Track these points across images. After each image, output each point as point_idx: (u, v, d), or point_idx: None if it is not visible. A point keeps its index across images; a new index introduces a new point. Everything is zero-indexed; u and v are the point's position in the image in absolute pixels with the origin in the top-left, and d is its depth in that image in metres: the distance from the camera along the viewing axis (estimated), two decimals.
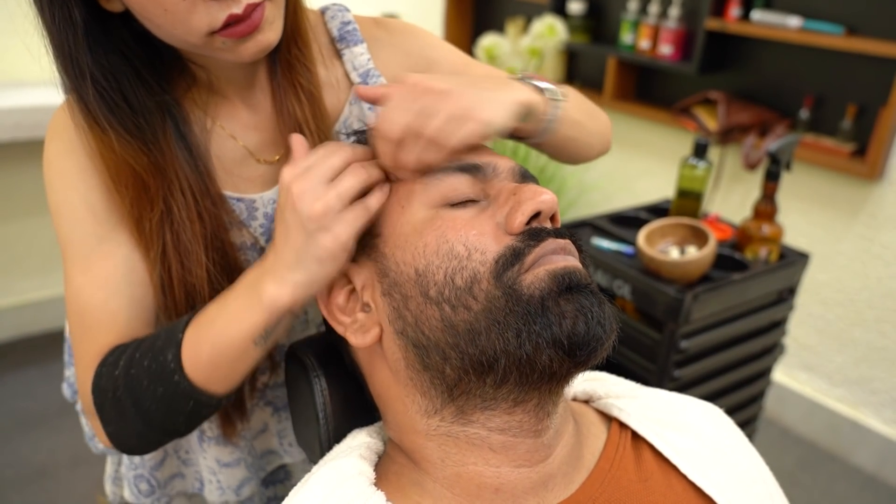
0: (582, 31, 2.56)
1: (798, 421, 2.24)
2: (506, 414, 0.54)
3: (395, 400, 0.59)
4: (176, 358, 0.60)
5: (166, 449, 0.82)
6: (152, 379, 0.61)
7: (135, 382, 0.62)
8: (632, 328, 1.34)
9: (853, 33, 1.90)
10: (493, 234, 0.54)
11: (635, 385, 0.69)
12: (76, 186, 0.66)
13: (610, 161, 2.68)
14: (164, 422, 0.64)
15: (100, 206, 0.66)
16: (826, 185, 2.04)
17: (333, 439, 0.66)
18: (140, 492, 0.83)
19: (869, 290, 2.00)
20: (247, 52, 0.60)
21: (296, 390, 0.70)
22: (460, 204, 0.56)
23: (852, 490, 2.01)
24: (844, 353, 2.10)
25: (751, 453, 0.65)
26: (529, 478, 0.55)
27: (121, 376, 0.62)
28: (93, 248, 0.66)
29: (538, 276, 0.52)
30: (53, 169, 0.67)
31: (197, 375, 0.61)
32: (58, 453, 1.96)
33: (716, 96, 2.17)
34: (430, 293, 0.53)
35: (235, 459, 0.80)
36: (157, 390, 0.61)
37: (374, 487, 0.54)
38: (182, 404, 0.62)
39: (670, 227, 1.34)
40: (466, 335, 0.52)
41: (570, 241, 0.56)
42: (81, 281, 0.66)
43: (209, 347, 0.60)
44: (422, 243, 0.54)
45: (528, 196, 0.54)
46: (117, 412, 0.64)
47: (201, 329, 0.61)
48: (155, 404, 0.62)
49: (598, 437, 0.62)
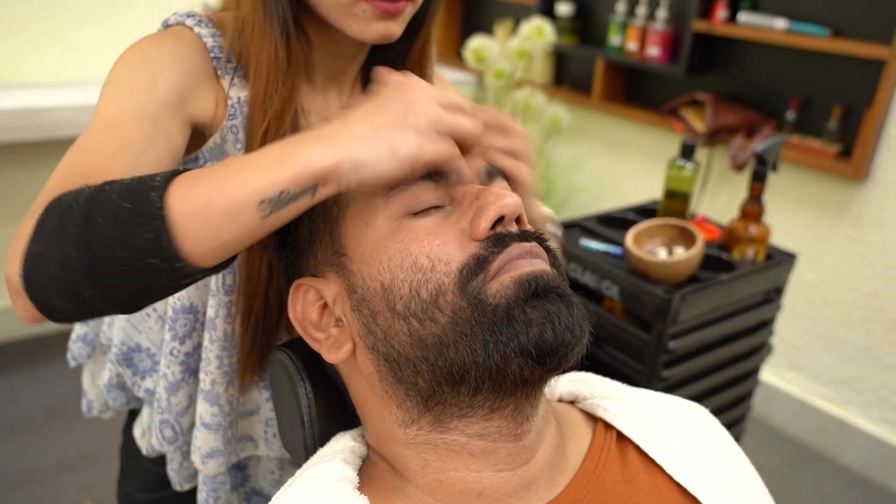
0: (570, 33, 2.56)
1: (786, 420, 2.25)
2: (483, 420, 0.53)
3: (372, 410, 0.59)
4: (165, 179, 0.50)
5: (192, 394, 0.82)
6: (124, 194, 0.49)
7: (103, 195, 0.50)
8: (620, 329, 1.34)
9: (838, 35, 1.91)
10: (458, 241, 0.53)
11: (621, 385, 0.69)
12: (151, 66, 0.64)
13: (599, 163, 2.69)
14: (103, 251, 0.48)
15: (165, 92, 0.64)
16: (812, 185, 2.05)
17: (319, 442, 0.65)
18: (164, 438, 0.83)
19: (855, 289, 2.01)
20: (373, 30, 0.65)
21: (280, 393, 0.70)
22: (424, 212, 0.56)
23: (840, 489, 2.02)
24: (831, 352, 2.11)
25: (737, 453, 0.65)
26: (512, 481, 0.55)
27: (91, 190, 0.51)
28: (130, 112, 0.61)
29: (504, 284, 0.51)
30: (136, 52, 0.66)
31: (178, 207, 0.48)
32: (44, 459, 1.94)
33: (703, 98, 2.18)
34: (398, 308, 0.53)
35: (216, 424, 0.80)
36: (122, 206, 0.48)
37: (358, 492, 0.54)
38: (139, 230, 0.48)
39: (658, 228, 1.35)
40: (435, 348, 0.52)
41: (536, 244, 0.55)
42: (99, 130, 0.60)
43: (210, 184, 0.49)
44: (386, 257, 0.54)
45: (490, 200, 0.53)
46: (59, 224, 0.50)
47: (212, 168, 0.52)
48: (108, 221, 0.48)
49: (583, 439, 0.62)
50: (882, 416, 2.04)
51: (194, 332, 0.78)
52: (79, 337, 0.91)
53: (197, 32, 0.69)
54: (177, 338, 0.77)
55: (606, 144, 2.65)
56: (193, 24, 0.69)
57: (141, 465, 0.91)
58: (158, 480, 0.90)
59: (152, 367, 0.85)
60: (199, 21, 0.70)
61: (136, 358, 0.85)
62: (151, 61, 0.65)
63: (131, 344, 0.84)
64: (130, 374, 0.86)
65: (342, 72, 0.75)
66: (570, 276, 1.41)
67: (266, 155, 0.50)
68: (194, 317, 0.77)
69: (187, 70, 0.66)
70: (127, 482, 0.94)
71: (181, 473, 0.87)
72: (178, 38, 0.68)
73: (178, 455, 0.86)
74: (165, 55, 0.66)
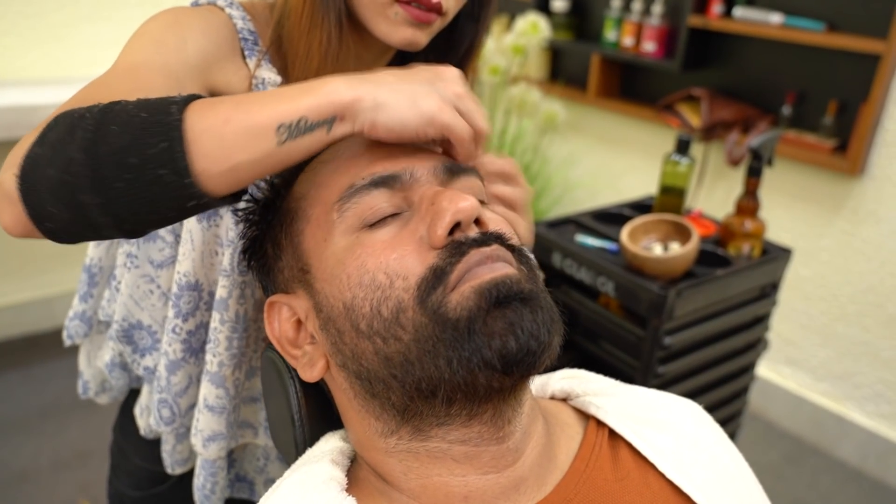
0: (565, 29, 2.56)
1: (782, 415, 2.25)
2: (463, 427, 0.52)
3: (352, 421, 0.58)
4: (186, 98, 0.50)
5: (192, 375, 0.81)
6: (143, 105, 0.49)
7: (119, 106, 0.49)
8: (615, 325, 1.34)
9: (834, 30, 1.91)
10: (417, 251, 0.52)
11: (614, 382, 0.69)
12: (184, 31, 0.65)
13: (594, 158, 2.68)
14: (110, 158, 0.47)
15: (192, 54, 0.64)
16: (808, 180, 2.05)
17: (308, 441, 0.65)
18: (162, 418, 0.82)
19: (851, 284, 2.01)
20: (401, 34, 0.67)
21: (271, 392, 0.69)
22: (380, 222, 0.54)
23: (836, 483, 2.03)
24: (828, 347, 2.11)
25: (730, 450, 0.65)
26: (499, 483, 0.54)
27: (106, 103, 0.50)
28: (154, 63, 0.61)
29: (464, 295, 0.49)
30: (169, 15, 0.67)
31: (196, 122, 0.48)
32: (39, 457, 1.94)
33: (699, 93, 2.17)
34: (361, 327, 0.52)
35: (220, 407, 0.79)
36: (138, 115, 0.48)
37: (346, 493, 0.53)
38: (153, 139, 0.47)
39: (653, 224, 1.34)
40: (402, 366, 0.51)
41: (498, 246, 0.53)
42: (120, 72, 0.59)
43: (231, 106, 0.49)
44: (345, 275, 0.53)
45: (444, 205, 0.51)
46: (69, 128, 0.49)
47: (236, 96, 0.51)
48: (122, 127, 0.47)
49: (574, 437, 0.61)
50: (878, 410, 2.04)
51: (198, 311, 0.77)
52: (76, 314, 0.90)
53: (228, 13, 0.70)
54: (180, 315, 0.76)
55: (602, 140, 2.65)
56: (225, 4, 0.71)
57: (132, 463, 0.90)
58: (150, 477, 0.89)
59: (153, 345, 0.84)
60: (231, 3, 0.71)
61: (137, 335, 0.84)
62: (182, 24, 0.66)
63: (132, 320, 0.83)
64: (130, 351, 0.85)
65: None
66: (566, 273, 1.41)
67: (292, 87, 0.51)
68: (198, 295, 0.76)
69: (216, 42, 0.67)
70: (118, 480, 0.94)
71: (174, 457, 0.86)
72: (210, 13, 0.69)
73: (173, 437, 0.85)
74: (197, 22, 0.67)
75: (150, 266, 0.79)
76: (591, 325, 1.39)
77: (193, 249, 0.74)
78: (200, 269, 0.76)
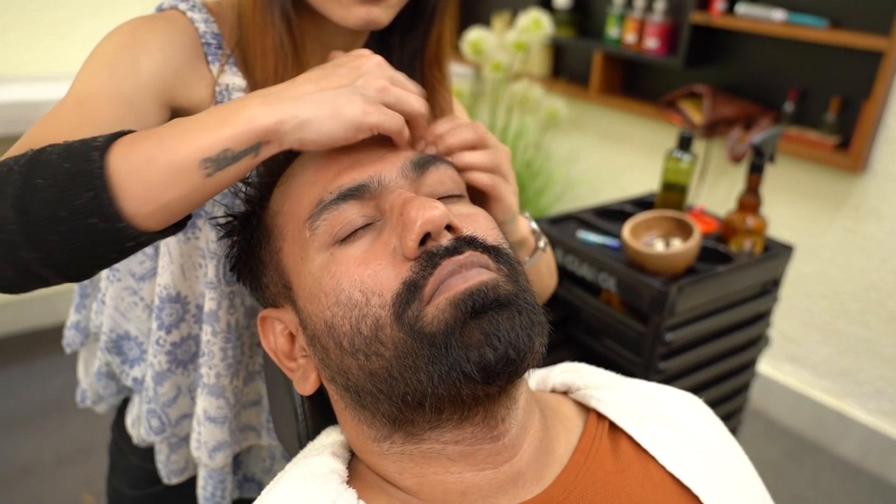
0: (567, 25, 2.55)
1: (783, 412, 2.25)
2: (455, 429, 0.52)
3: (346, 426, 0.59)
4: (108, 140, 0.49)
5: (181, 386, 0.81)
6: (65, 154, 0.48)
7: (44, 156, 0.48)
8: (617, 321, 1.34)
9: (837, 26, 1.90)
10: (391, 264, 0.51)
11: (614, 375, 0.69)
12: (138, 49, 0.63)
13: (596, 155, 2.68)
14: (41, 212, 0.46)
15: (147, 75, 0.63)
16: (810, 177, 2.05)
17: (311, 435, 0.65)
18: (151, 428, 0.83)
19: (853, 282, 2.01)
20: (354, 15, 0.63)
21: (274, 386, 0.69)
22: (352, 236, 0.54)
23: (837, 480, 2.03)
24: (829, 344, 2.11)
25: (730, 443, 0.65)
26: (496, 479, 0.53)
27: (32, 152, 0.49)
28: (105, 91, 0.60)
29: (439, 308, 0.49)
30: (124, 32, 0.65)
31: (119, 166, 0.47)
32: (42, 452, 1.94)
33: (701, 90, 2.17)
34: (343, 344, 0.52)
35: (222, 416, 0.79)
36: (62, 165, 0.47)
37: (346, 485, 0.54)
38: (79, 189, 0.46)
39: (655, 220, 1.34)
40: (386, 381, 0.51)
41: (472, 252, 0.52)
42: (68, 105, 0.59)
43: (152, 144, 0.48)
44: (322, 294, 0.53)
45: (412, 215, 0.50)
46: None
47: (155, 129, 0.50)
48: (48, 181, 0.47)
49: (573, 431, 0.61)
50: (879, 407, 2.04)
51: (182, 323, 0.77)
52: (72, 324, 0.91)
53: (189, 17, 0.68)
54: (163, 327, 0.76)
55: (604, 137, 2.64)
56: (186, 8, 0.68)
57: (130, 462, 0.90)
58: (147, 477, 0.89)
59: (140, 356, 0.84)
60: (193, 6, 0.69)
61: (125, 346, 0.84)
62: (138, 42, 0.63)
63: (120, 332, 0.83)
64: (119, 362, 0.85)
65: None
66: (568, 269, 1.41)
67: (210, 115, 0.50)
68: (181, 307, 0.76)
69: (175, 55, 0.65)
70: (116, 479, 0.94)
71: (169, 466, 0.87)
72: (169, 21, 0.67)
73: (166, 447, 0.85)
74: (154, 37, 0.65)
75: (131, 279, 0.79)
76: (593, 321, 1.39)
77: (172, 262, 0.73)
78: (182, 282, 0.75)
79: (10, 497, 1.80)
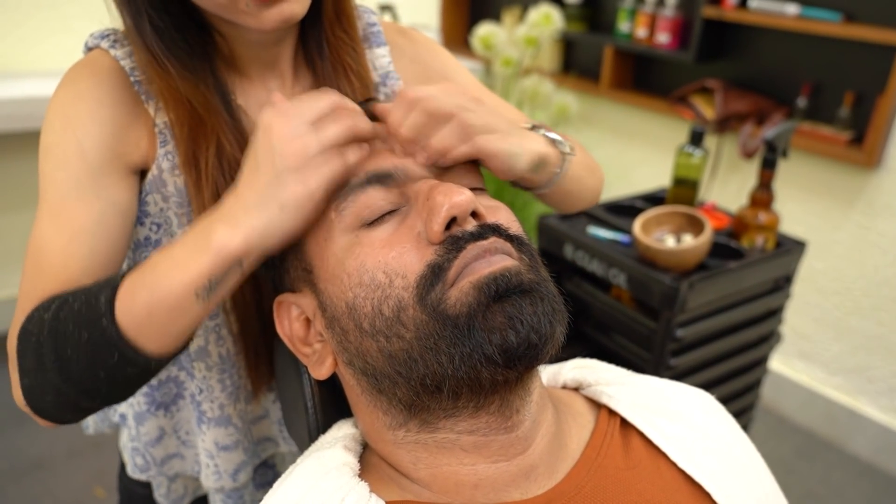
0: (578, 20, 2.54)
1: (795, 409, 2.24)
2: (471, 418, 0.53)
3: (361, 414, 0.59)
4: (109, 301, 0.54)
5: (164, 427, 0.81)
6: (78, 322, 0.54)
7: (61, 325, 0.55)
8: (627, 317, 1.33)
9: (851, 20, 1.88)
10: (415, 248, 0.52)
11: (626, 372, 0.69)
12: (74, 130, 0.63)
13: (607, 150, 2.67)
14: (83, 376, 0.55)
15: (93, 153, 0.62)
16: (823, 173, 2.03)
17: (322, 429, 0.65)
18: (136, 465, 0.83)
19: (866, 278, 2.00)
20: (268, 19, 0.58)
21: (285, 381, 0.70)
22: (378, 220, 0.54)
23: (849, 478, 2.02)
24: (841, 341, 2.10)
25: (742, 440, 0.65)
26: (508, 471, 0.54)
27: (48, 320, 0.56)
28: (70, 192, 0.62)
29: (463, 291, 0.49)
30: (55, 114, 0.64)
31: (128, 323, 0.53)
32: (54, 445, 1.96)
33: (713, 85, 2.16)
34: (364, 326, 0.52)
35: (234, 442, 0.80)
36: (81, 335, 0.54)
37: (358, 478, 0.54)
38: (105, 355, 0.54)
39: (666, 216, 1.34)
40: (406, 363, 0.51)
41: (496, 238, 0.52)
42: (47, 223, 0.62)
43: (147, 294, 0.53)
44: (346, 275, 0.53)
45: (439, 201, 0.51)
46: (36, 359, 0.57)
47: (143, 274, 0.55)
48: (76, 353, 0.54)
49: (585, 426, 0.61)
50: (892, 405, 2.02)
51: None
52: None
53: (113, 56, 0.65)
54: None
55: (615, 132, 2.63)
56: (108, 45, 0.65)
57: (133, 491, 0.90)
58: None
59: None
60: (115, 41, 0.66)
61: None
62: (73, 123, 0.63)
63: None
64: None
65: (276, 57, 0.70)
66: (578, 265, 1.40)
67: (183, 247, 0.54)
68: None
69: (110, 117, 0.64)
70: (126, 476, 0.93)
71: (170, 497, 0.87)
72: (94, 74, 0.64)
73: (165, 480, 0.85)
74: (84, 106, 0.63)
75: None
76: (603, 317, 1.39)
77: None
78: None
79: (22, 489, 1.82)
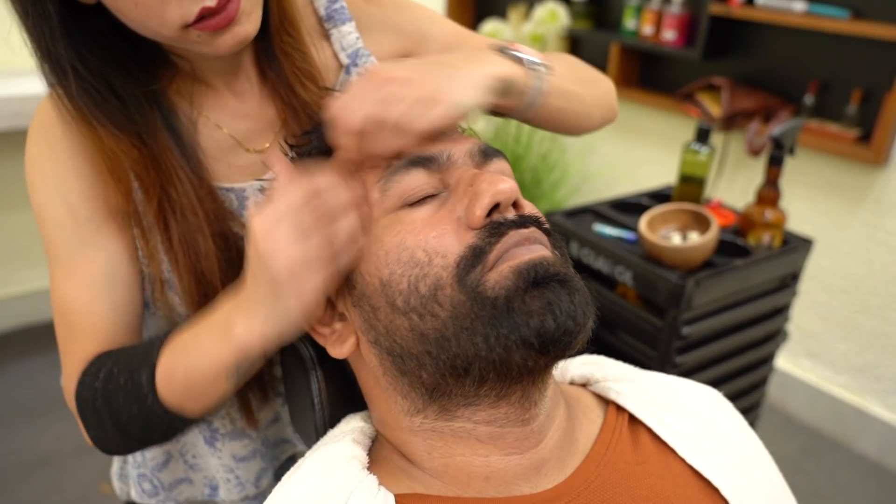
0: (584, 17, 2.54)
1: (802, 408, 2.23)
2: (490, 408, 0.53)
3: (378, 399, 0.59)
4: (150, 381, 0.60)
5: (171, 451, 0.81)
6: (127, 397, 0.61)
7: (112, 397, 0.62)
8: (633, 315, 1.33)
9: (858, 17, 1.87)
10: (455, 231, 0.52)
11: (633, 368, 0.69)
12: (57, 188, 0.64)
13: (613, 148, 2.66)
14: (142, 436, 0.65)
15: (81, 208, 0.64)
16: (830, 170, 2.02)
17: (329, 424, 0.65)
18: (144, 491, 0.83)
19: (873, 276, 1.99)
20: (224, 44, 0.58)
21: (291, 378, 0.70)
22: (419, 202, 0.54)
23: (856, 477, 2.01)
24: (848, 340, 2.09)
25: (750, 436, 0.65)
26: (520, 464, 0.54)
27: (99, 389, 0.63)
28: (75, 251, 0.65)
29: (502, 275, 0.50)
30: (35, 170, 0.66)
31: (171, 399, 0.60)
32: (62, 441, 1.97)
33: (720, 82, 2.15)
34: (397, 303, 0.52)
35: (251, 452, 0.80)
36: (131, 408, 0.61)
37: (367, 471, 0.54)
38: (157, 423, 0.62)
39: (672, 213, 1.33)
40: (437, 343, 0.51)
41: (535, 229, 0.53)
42: (65, 285, 0.66)
43: (182, 375, 0.59)
44: (383, 252, 0.53)
45: (484, 187, 0.52)
46: (97, 420, 0.64)
47: (176, 356, 0.60)
48: (131, 421, 0.62)
49: (594, 422, 0.62)
50: None
51: None
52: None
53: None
54: None
55: (621, 129, 2.63)
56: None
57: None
58: None
59: None
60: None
61: None
62: (53, 180, 0.64)
63: None
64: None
65: (237, 64, 0.70)
66: (584, 262, 1.40)
67: (210, 337, 0.57)
68: None
69: (87, 166, 0.64)
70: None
71: None
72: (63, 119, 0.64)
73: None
74: (60, 162, 0.64)
75: None
76: (609, 314, 1.39)
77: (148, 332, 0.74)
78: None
79: (30, 485, 1.83)
